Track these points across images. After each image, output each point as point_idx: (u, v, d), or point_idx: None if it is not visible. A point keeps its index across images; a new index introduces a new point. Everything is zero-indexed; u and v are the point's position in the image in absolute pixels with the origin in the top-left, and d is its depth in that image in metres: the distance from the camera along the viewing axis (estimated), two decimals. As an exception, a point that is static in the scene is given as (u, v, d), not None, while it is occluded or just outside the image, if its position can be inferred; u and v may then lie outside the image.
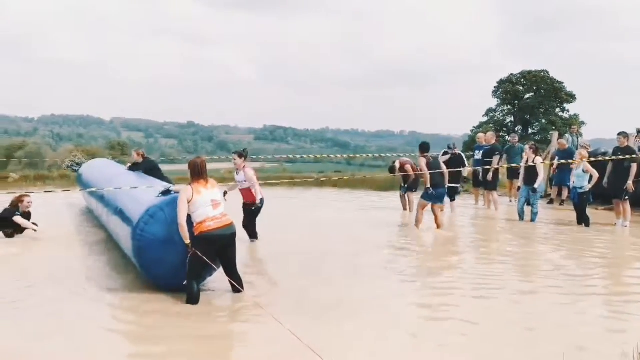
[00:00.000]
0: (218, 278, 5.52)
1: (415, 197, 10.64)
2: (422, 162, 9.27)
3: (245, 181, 7.63)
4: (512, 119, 46.38)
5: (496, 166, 11.60)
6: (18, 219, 8.06)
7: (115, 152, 39.10)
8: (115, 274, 6.12)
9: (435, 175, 9.11)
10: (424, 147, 9.37)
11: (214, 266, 5.16)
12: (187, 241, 5.01)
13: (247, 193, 7.67)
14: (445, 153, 11.20)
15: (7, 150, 30.83)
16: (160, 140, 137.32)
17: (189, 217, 5.10)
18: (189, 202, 5.07)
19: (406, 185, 11.17)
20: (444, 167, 9.43)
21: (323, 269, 6.58)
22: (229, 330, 4.74)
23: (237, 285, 5.21)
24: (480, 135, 13.76)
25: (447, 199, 11.23)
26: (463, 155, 11.60)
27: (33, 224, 8.18)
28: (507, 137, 40.23)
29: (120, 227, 6.17)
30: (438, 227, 9.17)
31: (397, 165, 11.07)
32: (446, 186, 9.45)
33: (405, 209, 11.32)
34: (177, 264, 5.12)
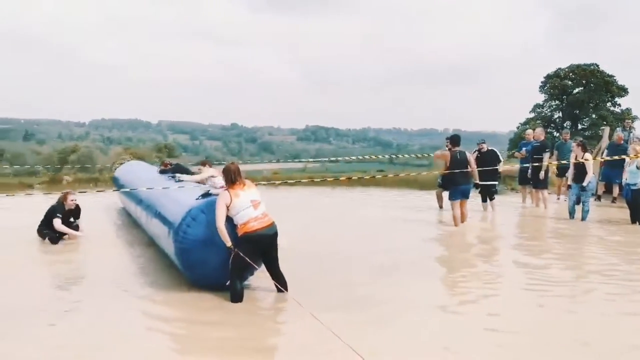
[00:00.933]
0: (259, 276, 5.56)
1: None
2: (447, 155, 9.24)
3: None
4: (560, 114, 45.02)
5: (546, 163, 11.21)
6: (57, 223, 7.91)
7: (162, 154, 40.05)
8: (156, 274, 6.24)
9: (454, 172, 9.04)
10: (454, 141, 9.27)
11: (255, 266, 5.21)
12: (229, 244, 5.08)
13: None
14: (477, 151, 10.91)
15: (61, 154, 31.94)
16: (204, 142, 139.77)
17: (230, 219, 5.17)
18: (228, 207, 5.14)
19: (441, 181, 10.81)
20: (473, 164, 9.26)
21: (359, 267, 6.52)
22: (269, 327, 4.77)
23: (280, 286, 5.25)
24: (529, 131, 13.34)
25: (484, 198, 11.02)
26: (497, 151, 11.18)
27: (76, 226, 8.26)
28: (555, 133, 39.25)
29: (160, 228, 6.27)
30: (462, 219, 9.23)
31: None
32: (472, 184, 9.28)
33: (441, 207, 11.15)
34: (218, 264, 5.20)
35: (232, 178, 5.28)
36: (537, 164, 11.10)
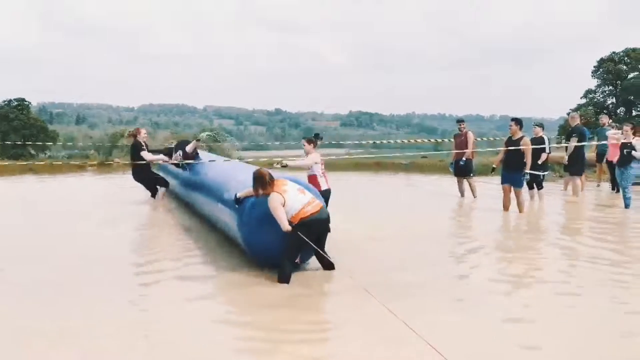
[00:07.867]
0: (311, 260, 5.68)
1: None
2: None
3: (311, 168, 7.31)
4: (614, 100, 43.41)
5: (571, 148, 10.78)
6: (146, 155, 8.83)
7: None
8: (214, 254, 6.47)
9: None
10: (519, 122, 9.28)
11: (314, 246, 5.28)
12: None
13: (313, 181, 7.16)
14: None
15: (111, 138, 33.05)
16: (249, 128, 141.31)
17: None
18: (283, 206, 5.21)
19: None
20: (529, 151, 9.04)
21: (420, 252, 6.54)
22: (328, 311, 4.86)
23: (327, 256, 5.39)
24: (601, 117, 13.21)
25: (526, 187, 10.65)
26: (545, 138, 10.55)
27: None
28: (609, 120, 37.79)
29: (223, 210, 6.39)
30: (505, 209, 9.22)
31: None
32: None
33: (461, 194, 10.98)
34: (277, 242, 5.30)
35: (267, 181, 5.31)
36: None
